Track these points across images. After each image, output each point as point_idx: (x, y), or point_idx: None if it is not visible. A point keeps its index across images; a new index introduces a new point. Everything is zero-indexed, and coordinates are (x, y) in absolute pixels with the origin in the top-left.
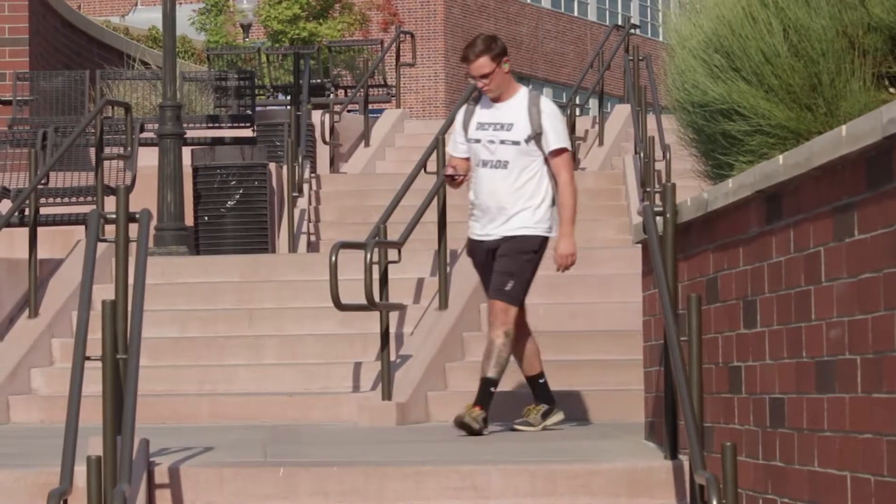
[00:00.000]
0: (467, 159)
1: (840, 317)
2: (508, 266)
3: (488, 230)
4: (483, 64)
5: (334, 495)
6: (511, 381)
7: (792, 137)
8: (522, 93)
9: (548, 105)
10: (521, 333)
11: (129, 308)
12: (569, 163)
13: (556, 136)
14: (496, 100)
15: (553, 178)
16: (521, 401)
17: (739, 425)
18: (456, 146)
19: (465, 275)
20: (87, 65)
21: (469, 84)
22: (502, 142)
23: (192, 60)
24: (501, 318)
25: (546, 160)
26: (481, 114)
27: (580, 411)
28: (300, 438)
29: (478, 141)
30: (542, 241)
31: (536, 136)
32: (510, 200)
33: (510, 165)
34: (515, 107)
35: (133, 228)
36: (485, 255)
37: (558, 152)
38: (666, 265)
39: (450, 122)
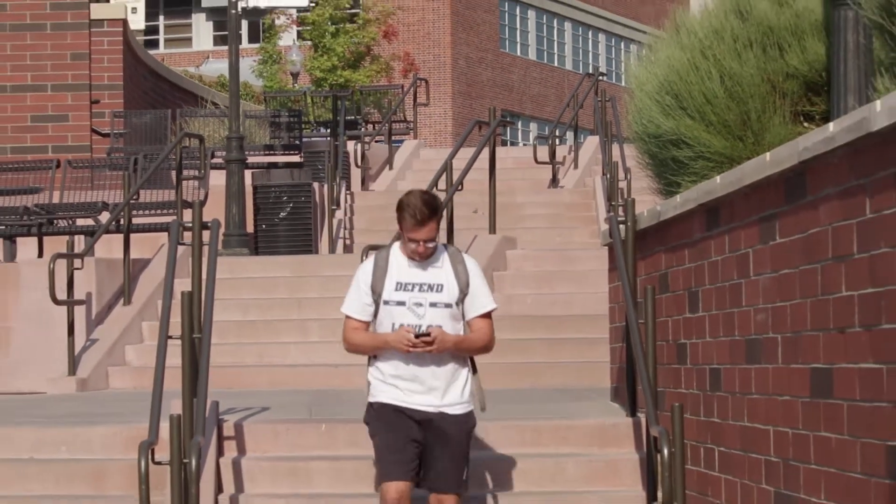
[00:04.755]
0: (368, 324)
1: (765, 304)
2: (461, 452)
3: (418, 400)
4: (433, 228)
5: (364, 446)
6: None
7: (727, 162)
8: (441, 250)
9: (472, 262)
10: None
11: (203, 297)
12: (492, 324)
13: (486, 297)
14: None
15: None
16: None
17: (685, 390)
18: (362, 308)
19: None
20: (169, 105)
21: (471, 119)
22: (433, 304)
23: (252, 101)
24: None
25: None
26: (399, 272)
27: (561, 379)
28: (339, 401)
29: (401, 304)
30: (474, 417)
31: (463, 298)
32: (444, 369)
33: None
34: (441, 265)
35: (206, 235)
36: (410, 422)
37: (489, 314)
38: (627, 263)
39: (455, 150)
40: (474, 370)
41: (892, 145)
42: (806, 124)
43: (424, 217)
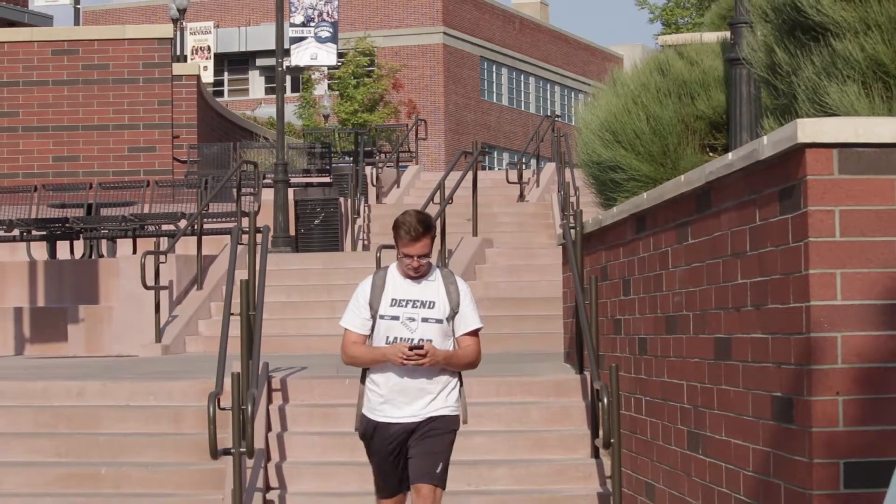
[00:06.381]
0: (366, 337)
1: (680, 289)
2: (437, 445)
3: (406, 412)
4: (426, 244)
5: None
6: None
7: (652, 182)
8: (435, 270)
9: (463, 284)
10: None
11: (256, 283)
12: (479, 341)
13: (474, 316)
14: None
15: None
16: None
17: (620, 354)
18: (362, 322)
19: (459, 264)
20: (231, 139)
21: (459, 150)
22: (425, 320)
23: (294, 136)
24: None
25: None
26: (395, 289)
27: (525, 346)
28: None
29: (395, 318)
30: (458, 421)
31: (453, 315)
32: (434, 381)
33: (434, 344)
34: (433, 284)
35: (258, 237)
36: (400, 437)
37: (476, 332)
38: (576, 258)
39: (447, 174)
40: (461, 383)
41: (775, 170)
42: (711, 154)
43: (418, 234)
